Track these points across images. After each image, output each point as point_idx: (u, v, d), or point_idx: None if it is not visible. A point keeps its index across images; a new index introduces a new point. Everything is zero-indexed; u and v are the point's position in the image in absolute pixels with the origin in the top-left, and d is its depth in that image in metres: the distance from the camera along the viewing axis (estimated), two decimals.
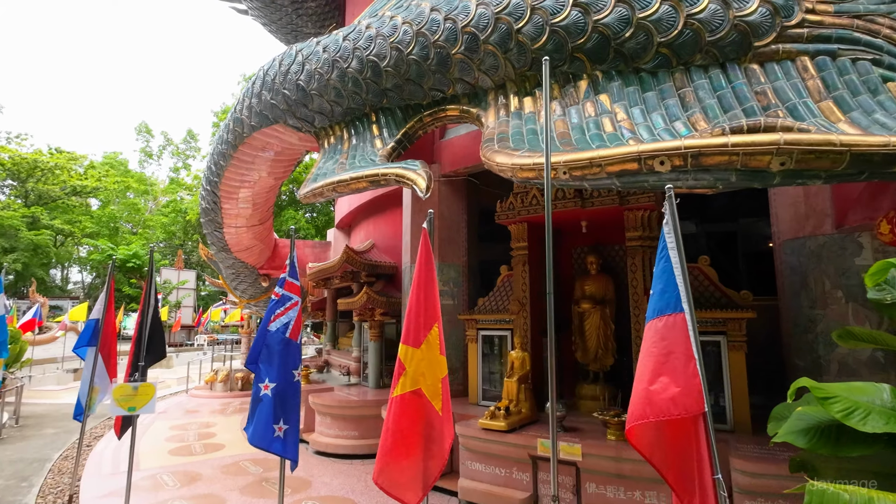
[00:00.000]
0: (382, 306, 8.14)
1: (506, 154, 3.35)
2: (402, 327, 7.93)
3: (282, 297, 3.22)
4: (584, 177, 2.77)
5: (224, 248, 10.27)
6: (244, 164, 7.34)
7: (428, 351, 3.12)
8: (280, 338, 2.99)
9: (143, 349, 3.16)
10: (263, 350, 2.95)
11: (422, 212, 7.84)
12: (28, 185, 32.96)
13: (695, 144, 2.50)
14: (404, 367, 3.08)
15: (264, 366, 2.94)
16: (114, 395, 2.95)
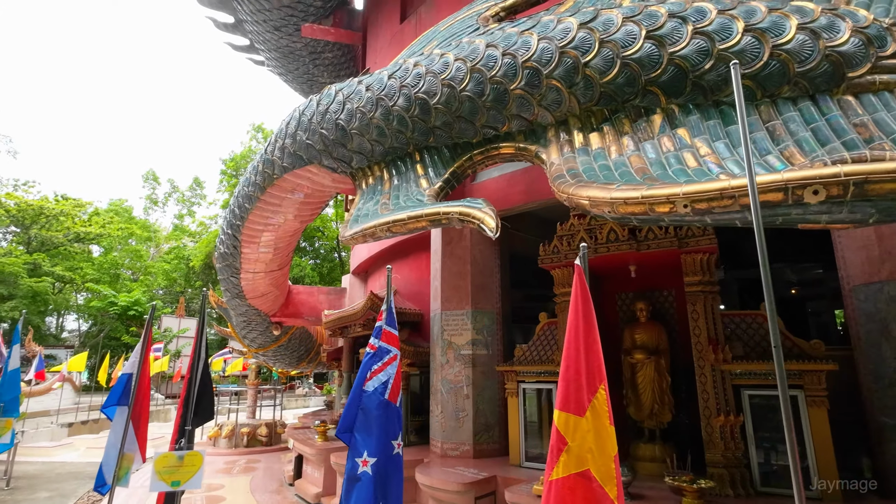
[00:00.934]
0: (410, 356, 7.67)
1: (599, 188, 3.05)
2: (430, 379, 7.40)
3: (378, 349, 2.79)
4: (711, 210, 2.46)
5: (239, 294, 9.87)
6: (271, 206, 7.07)
7: (595, 420, 2.49)
8: (378, 400, 2.54)
9: (191, 411, 2.73)
10: (359, 416, 2.48)
11: (453, 256, 7.54)
12: (31, 231, 32.75)
13: (860, 171, 2.20)
14: (566, 442, 2.45)
15: (361, 435, 2.46)
16: (155, 466, 2.49)
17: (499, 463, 6.39)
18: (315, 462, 7.80)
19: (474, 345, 7.10)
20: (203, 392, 3.03)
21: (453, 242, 7.59)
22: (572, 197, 3.25)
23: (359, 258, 11.57)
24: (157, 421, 19.08)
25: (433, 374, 7.41)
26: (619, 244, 5.34)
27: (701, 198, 2.48)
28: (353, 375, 10.50)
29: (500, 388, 7.12)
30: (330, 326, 10.25)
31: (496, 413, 7.00)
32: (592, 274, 6.47)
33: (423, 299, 8.89)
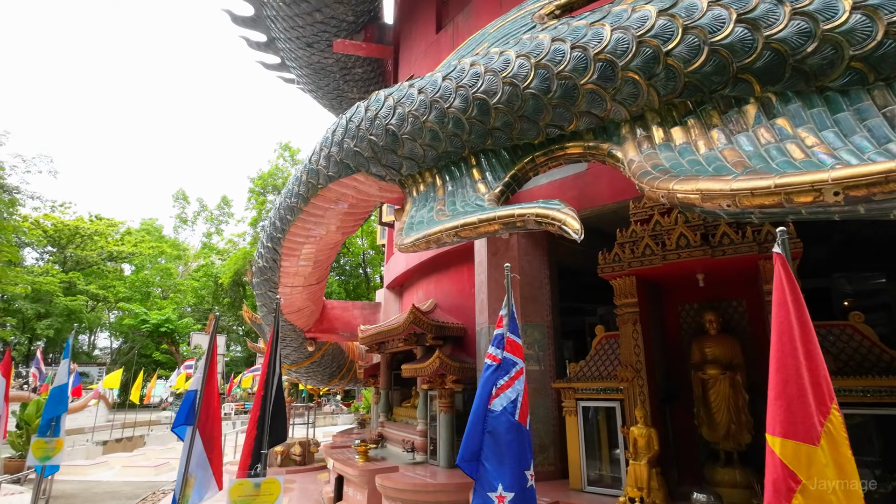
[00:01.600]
0: (455, 372, 7.34)
1: (713, 180, 2.74)
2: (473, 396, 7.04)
3: (503, 361, 2.46)
4: (870, 196, 2.12)
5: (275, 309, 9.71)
6: (313, 217, 6.90)
7: (832, 450, 1.91)
8: (509, 422, 2.19)
9: (266, 433, 2.46)
10: (488, 441, 2.14)
11: (499, 267, 7.20)
12: (67, 251, 33.61)
13: None
14: (799, 480, 1.90)
15: (493, 465, 2.11)
16: (231, 495, 2.24)
17: (558, 487, 5.97)
18: (358, 484, 7.48)
19: (526, 360, 6.72)
20: (276, 412, 2.77)
21: (499, 253, 7.30)
22: (673, 192, 2.93)
23: (394, 272, 11.34)
24: None
25: None
26: (692, 250, 4.96)
27: (859, 183, 2.14)
28: (392, 393, 10.20)
29: (554, 406, 6.73)
30: (367, 342, 10.00)
31: (550, 433, 6.60)
32: (652, 284, 6.10)
33: (466, 313, 8.58)
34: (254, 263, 9.10)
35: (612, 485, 5.69)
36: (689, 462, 5.67)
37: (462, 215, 4.03)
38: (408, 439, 8.18)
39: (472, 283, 8.55)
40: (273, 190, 33.71)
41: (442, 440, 7.48)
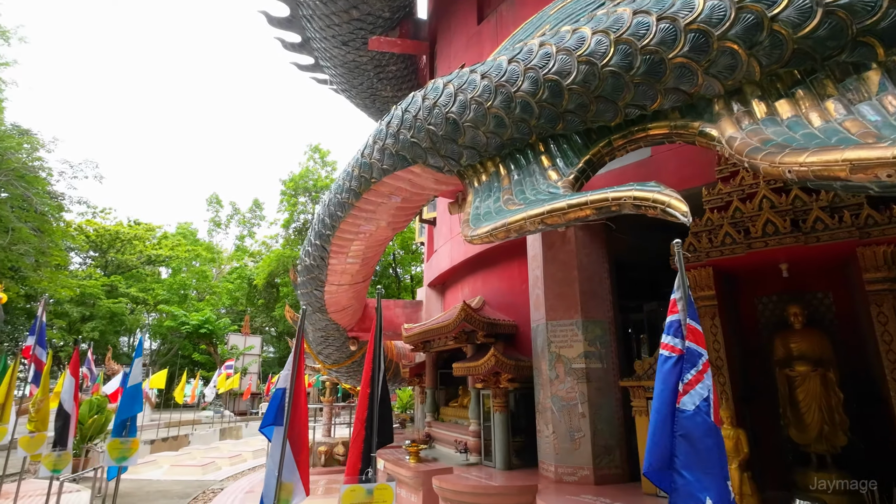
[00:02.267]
0: (510, 371, 7.09)
1: (864, 149, 2.43)
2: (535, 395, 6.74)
3: (687, 352, 2.16)
4: None
5: (320, 308, 9.65)
6: (365, 213, 6.76)
7: None
8: (706, 424, 1.90)
9: (374, 435, 2.27)
10: (682, 446, 1.86)
11: (556, 261, 6.95)
12: (108, 255, 34.66)
13: None
14: None
15: (694, 474, 1.78)
16: (343, 502, 2.06)
17: (628, 491, 5.67)
18: (412, 486, 7.30)
19: (587, 357, 6.45)
20: (383, 413, 2.59)
21: (556, 247, 7.02)
22: (807, 165, 2.63)
23: (436, 270, 11.15)
24: (229, 438, 19.25)
25: (539, 390, 6.80)
26: (781, 237, 4.60)
27: None
28: (438, 393, 10.01)
29: (619, 405, 6.42)
30: (412, 340, 9.84)
31: (616, 434, 6.29)
32: (725, 275, 5.73)
33: (516, 310, 8.33)
34: (299, 262, 9.03)
35: None
36: (772, 465, 5.30)
37: (543, 202, 3.78)
38: (460, 440, 7.97)
39: (523, 278, 8.29)
40: (304, 192, 34.10)
41: (497, 441, 7.25)
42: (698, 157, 5.98)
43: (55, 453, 4.48)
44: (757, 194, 4.94)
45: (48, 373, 5.63)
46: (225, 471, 12.45)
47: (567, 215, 3.46)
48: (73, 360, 5.15)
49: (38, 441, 5.10)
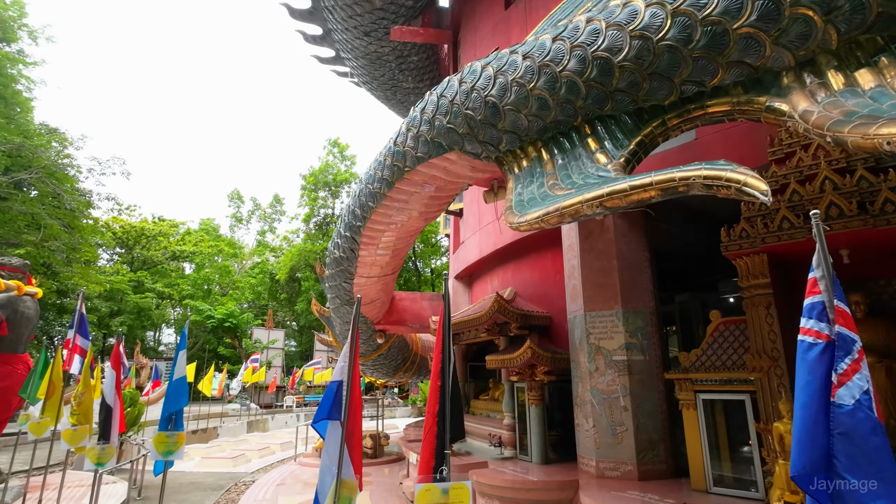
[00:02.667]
0: (547, 363, 6.92)
1: None
2: (574, 388, 6.55)
3: (838, 338, 1.92)
4: None
5: (349, 301, 9.56)
6: (397, 203, 6.63)
7: None
8: (868, 420, 1.67)
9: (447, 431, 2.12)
10: (842, 446, 1.62)
11: (594, 250, 6.73)
12: (134, 251, 35.31)
13: None
14: None
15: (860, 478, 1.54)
16: (418, 501, 1.93)
17: (675, 487, 5.46)
18: None
19: (629, 349, 6.24)
20: (455, 408, 2.46)
21: (593, 236, 6.79)
22: None
23: (463, 262, 11.00)
24: (256, 431, 19.46)
25: (578, 382, 6.61)
26: (846, 221, 4.33)
27: None
28: (468, 385, 9.88)
29: (662, 398, 6.20)
30: None
31: (660, 428, 6.08)
32: (780, 262, 5.46)
33: (550, 301, 8.14)
34: (328, 255, 8.95)
35: (739, 486, 5.14)
36: None
37: (597, 185, 3.58)
38: (494, 433, 7.83)
39: (557, 269, 8.09)
40: (324, 186, 34.22)
41: (533, 435, 7.09)
42: (748, 138, 5.70)
43: (99, 447, 4.47)
44: (817, 176, 4.65)
45: (89, 365, 5.65)
46: (255, 463, 12.53)
47: (629, 197, 3.25)
48: (113, 353, 5.15)
49: (80, 434, 5.11)
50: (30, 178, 14.79)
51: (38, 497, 6.00)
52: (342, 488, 2.32)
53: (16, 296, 8.16)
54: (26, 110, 16.35)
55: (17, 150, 14.50)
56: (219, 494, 9.15)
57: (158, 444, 3.44)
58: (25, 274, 8.62)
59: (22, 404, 8.46)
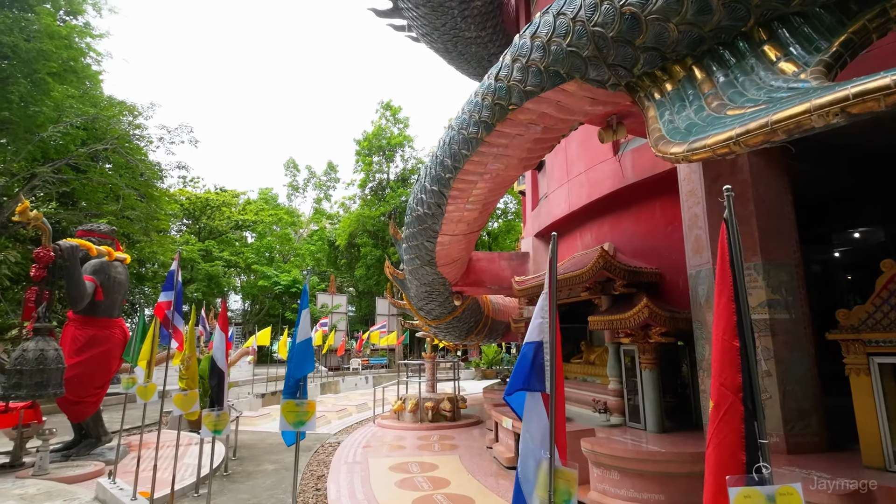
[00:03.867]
0: (665, 323, 6.21)
1: None
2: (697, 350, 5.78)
3: None
4: None
5: (430, 261, 9.12)
6: (495, 149, 5.96)
7: None
8: None
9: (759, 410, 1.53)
10: None
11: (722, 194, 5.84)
12: (201, 221, 36.62)
13: None
14: None
15: None
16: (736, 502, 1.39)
17: (838, 463, 4.72)
18: None
19: (770, 307, 5.42)
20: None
21: (723, 178, 5.90)
22: None
23: (546, 219, 10.25)
24: (329, 392, 19.91)
25: (705, 345, 5.87)
26: None
27: None
28: None
29: (812, 362, 5.39)
30: (528, 293, 9.14)
31: (810, 396, 5.29)
32: None
33: (657, 256, 7.35)
34: (408, 213, 8.45)
35: None
36: None
37: (806, 95, 2.77)
38: (598, 399, 7.26)
39: (668, 219, 7.26)
40: (378, 151, 33.85)
41: (648, 401, 6.48)
42: None
43: (214, 413, 4.26)
44: None
45: (193, 327, 5.51)
46: (335, 424, 12.66)
47: (867, 104, 2.43)
48: (221, 315, 4.92)
49: (190, 399, 4.98)
50: (104, 150, 15.13)
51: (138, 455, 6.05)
52: (558, 479, 1.83)
53: (107, 261, 8.23)
54: (96, 83, 16.66)
55: (92, 122, 14.82)
56: (309, 455, 9.18)
57: (287, 414, 3.11)
58: (113, 240, 8.69)
59: (121, 367, 8.68)
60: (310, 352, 3.28)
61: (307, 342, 3.28)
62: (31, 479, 6.36)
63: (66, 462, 7.48)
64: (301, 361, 3.20)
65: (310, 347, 3.29)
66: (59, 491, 5.80)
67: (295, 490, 3.66)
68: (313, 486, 7.21)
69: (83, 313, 7.91)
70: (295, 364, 3.21)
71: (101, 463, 7.43)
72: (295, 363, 3.21)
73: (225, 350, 4.50)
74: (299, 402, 3.13)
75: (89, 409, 7.96)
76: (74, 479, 6.74)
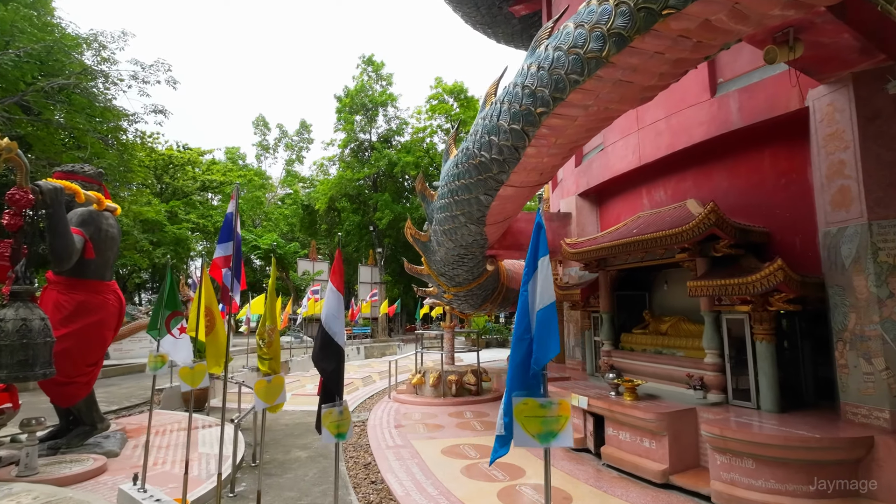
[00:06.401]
0: (795, 289, 5.34)
1: None
2: (835, 320, 4.92)
3: None
4: None
5: (479, 218, 7.96)
6: (620, 72, 4.78)
7: None
8: None
9: None
10: None
11: (885, 136, 4.95)
12: (164, 181, 33.71)
13: None
14: None
15: None
16: None
17: None
18: (644, 429, 5.88)
19: None
20: None
21: (882, 118, 4.98)
22: None
23: (602, 173, 9.21)
24: None
25: (849, 313, 5.06)
26: None
27: None
28: (616, 316, 8.42)
29: None
30: (584, 257, 8.15)
31: None
32: None
33: (762, 213, 6.47)
34: (464, 160, 7.19)
35: None
36: None
37: None
38: (693, 374, 6.43)
39: (780, 171, 6.36)
40: (361, 109, 31.69)
41: (764, 376, 5.68)
42: None
43: (336, 409, 3.04)
44: None
45: (273, 290, 4.18)
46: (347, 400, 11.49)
47: None
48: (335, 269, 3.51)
49: (276, 387, 3.73)
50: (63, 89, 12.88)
51: (146, 446, 4.85)
52: None
53: (97, 211, 6.66)
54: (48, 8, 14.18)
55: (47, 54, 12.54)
56: None
57: (529, 421, 2.00)
58: (101, 185, 7.06)
59: (113, 339, 7.19)
60: (555, 323, 2.15)
61: (550, 309, 2.14)
62: (20, 484, 4.98)
63: (56, 457, 6.08)
64: (546, 337, 2.06)
65: (554, 315, 2.17)
66: (62, 501, 4.49)
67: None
68: (365, 478, 6.15)
69: (69, 274, 6.38)
70: (539, 343, 2.07)
71: (101, 456, 6.09)
72: (538, 341, 2.07)
73: (343, 318, 3.25)
74: (545, 404, 2.02)
75: (80, 392, 6.52)
76: (72, 480, 5.42)
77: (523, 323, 2.24)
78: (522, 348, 2.22)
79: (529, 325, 2.22)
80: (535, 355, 2.15)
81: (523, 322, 2.24)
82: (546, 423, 2.08)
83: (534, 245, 2.43)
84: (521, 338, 2.22)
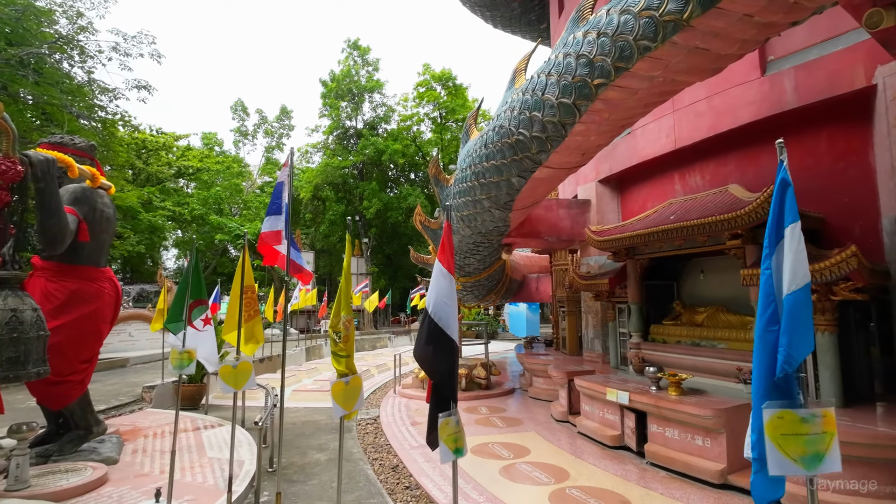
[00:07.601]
0: (864, 277, 5.04)
1: None
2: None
3: None
4: None
5: (507, 203, 7.48)
6: (698, 39, 4.35)
7: None
8: None
9: None
10: None
11: None
12: (137, 165, 32.09)
13: None
14: None
15: None
16: None
17: None
18: (699, 426, 5.53)
19: None
20: None
21: None
22: None
23: (629, 158, 8.81)
24: (315, 358, 18.04)
25: None
26: None
27: None
28: (644, 307, 8.07)
29: None
30: (611, 245, 7.75)
31: None
32: None
33: (815, 198, 6.17)
34: (496, 139, 6.67)
35: None
36: None
37: None
38: (742, 367, 6.11)
39: (840, 153, 6.04)
40: (347, 94, 30.69)
41: (828, 370, 5.38)
42: None
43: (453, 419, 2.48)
44: None
45: (349, 272, 3.56)
46: None
47: None
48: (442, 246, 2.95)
49: (354, 390, 3.16)
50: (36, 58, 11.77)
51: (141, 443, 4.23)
52: None
53: (90, 188, 5.91)
54: None
55: (16, 21, 11.41)
56: (350, 438, 7.56)
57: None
58: (94, 160, 6.28)
59: (110, 331, 6.44)
60: (809, 310, 1.70)
61: (804, 292, 1.69)
62: (12, 501, 4.30)
63: (48, 465, 5.37)
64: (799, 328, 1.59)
65: (808, 300, 1.71)
66: None
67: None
68: (398, 483, 5.65)
69: (59, 260, 5.63)
70: (791, 335, 1.60)
71: (100, 464, 5.40)
72: (789, 333, 1.59)
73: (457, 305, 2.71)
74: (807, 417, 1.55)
75: (74, 392, 5.79)
76: (70, 493, 4.74)
77: (768, 311, 1.77)
78: (769, 343, 1.76)
79: (776, 314, 1.76)
80: (786, 352, 1.70)
81: (768, 309, 1.77)
82: (810, 444, 1.63)
83: (777, 208, 1.93)
84: (766, 330, 1.76)
